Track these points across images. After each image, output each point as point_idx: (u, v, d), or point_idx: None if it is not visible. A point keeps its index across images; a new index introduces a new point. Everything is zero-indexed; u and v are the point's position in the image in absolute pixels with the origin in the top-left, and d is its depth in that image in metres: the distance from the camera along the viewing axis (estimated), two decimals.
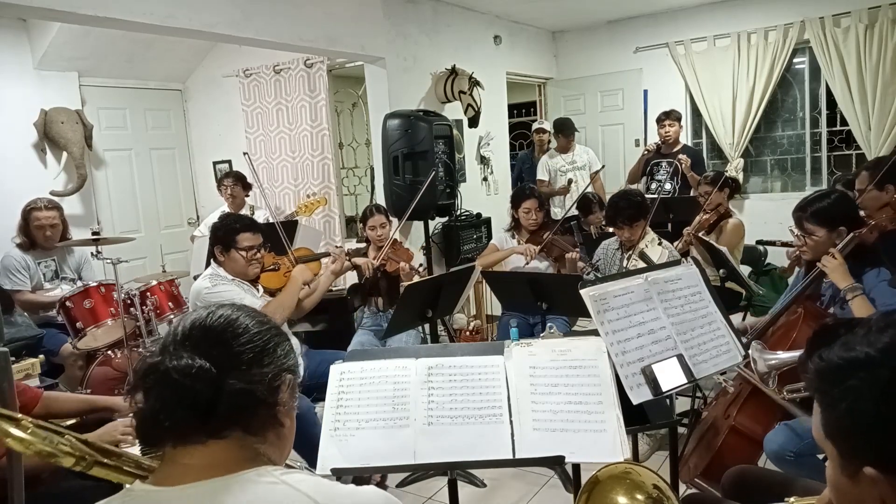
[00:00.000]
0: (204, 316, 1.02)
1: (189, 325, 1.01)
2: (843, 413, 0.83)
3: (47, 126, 4.75)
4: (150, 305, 3.62)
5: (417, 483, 2.99)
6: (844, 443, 0.85)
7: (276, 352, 1.03)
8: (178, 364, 0.93)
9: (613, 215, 3.33)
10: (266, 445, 0.99)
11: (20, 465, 1.43)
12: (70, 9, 3.02)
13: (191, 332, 1.00)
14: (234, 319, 1.02)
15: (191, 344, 0.97)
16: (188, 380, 0.92)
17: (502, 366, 1.75)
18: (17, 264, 3.80)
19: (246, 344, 0.99)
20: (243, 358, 0.98)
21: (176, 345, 0.98)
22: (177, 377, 0.92)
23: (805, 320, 2.29)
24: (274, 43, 4.07)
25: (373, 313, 3.81)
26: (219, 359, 0.95)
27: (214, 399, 0.93)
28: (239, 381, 0.95)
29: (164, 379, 0.93)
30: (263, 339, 1.02)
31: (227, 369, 0.95)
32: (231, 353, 0.98)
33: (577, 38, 6.67)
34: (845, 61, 5.30)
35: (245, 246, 2.87)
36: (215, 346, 0.97)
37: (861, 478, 0.82)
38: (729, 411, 2.37)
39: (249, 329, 1.01)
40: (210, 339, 0.98)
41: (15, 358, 2.68)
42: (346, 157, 6.50)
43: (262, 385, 0.98)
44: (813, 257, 2.35)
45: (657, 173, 5.32)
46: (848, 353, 0.84)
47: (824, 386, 0.87)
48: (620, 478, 1.21)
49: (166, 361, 0.94)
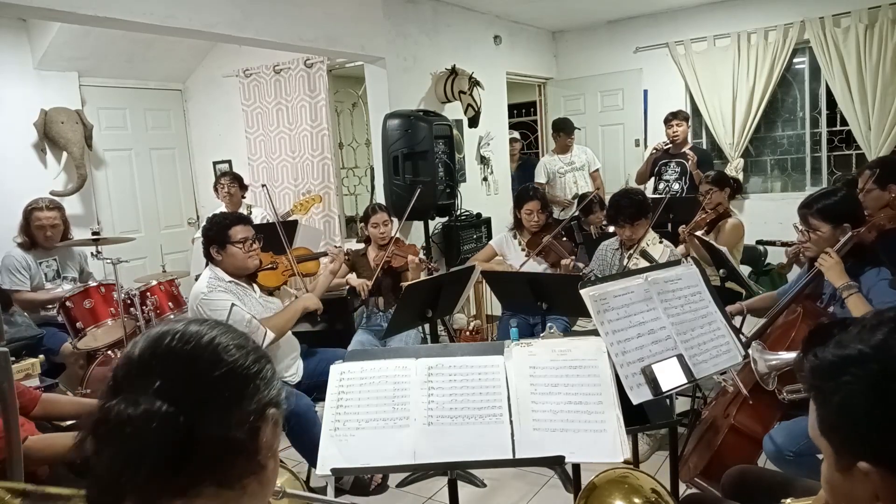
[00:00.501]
0: (167, 339, 0.82)
1: (148, 350, 0.82)
2: (836, 408, 0.85)
3: (47, 126, 4.75)
4: (150, 305, 3.62)
5: (417, 483, 2.99)
6: (838, 438, 0.87)
7: (259, 384, 0.85)
8: (134, 412, 0.75)
9: (615, 214, 3.33)
10: (246, 497, 0.83)
11: (20, 466, 1.43)
12: (70, 9, 3.02)
13: (151, 361, 0.81)
14: (204, 345, 0.83)
15: (152, 378, 0.78)
16: (149, 433, 0.74)
17: (502, 366, 1.75)
18: (17, 264, 3.80)
19: (222, 379, 0.81)
20: (219, 398, 0.80)
21: (132, 380, 0.79)
22: (134, 430, 0.74)
23: (804, 319, 2.29)
24: (274, 43, 4.07)
25: (373, 313, 3.82)
26: (188, 400, 0.77)
27: (183, 453, 0.76)
28: (213, 429, 0.78)
29: (120, 432, 0.75)
30: (242, 370, 0.83)
31: (200, 414, 0.77)
32: (204, 393, 0.80)
33: (577, 38, 6.67)
34: (845, 61, 5.30)
35: (240, 238, 2.85)
36: (183, 381, 0.79)
37: (854, 472, 0.83)
38: (728, 411, 2.37)
39: (224, 358, 0.82)
40: (176, 372, 0.79)
41: (15, 358, 2.68)
42: (346, 157, 6.50)
43: (241, 429, 0.81)
44: (816, 253, 2.35)
45: (665, 173, 5.32)
46: (841, 351, 0.86)
47: (819, 383, 0.88)
48: (618, 482, 1.21)
49: (122, 408, 0.76)
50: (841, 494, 0.90)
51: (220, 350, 0.83)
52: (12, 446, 1.39)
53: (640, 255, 3.26)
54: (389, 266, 3.73)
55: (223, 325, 0.89)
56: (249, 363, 0.85)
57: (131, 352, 0.82)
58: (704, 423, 2.59)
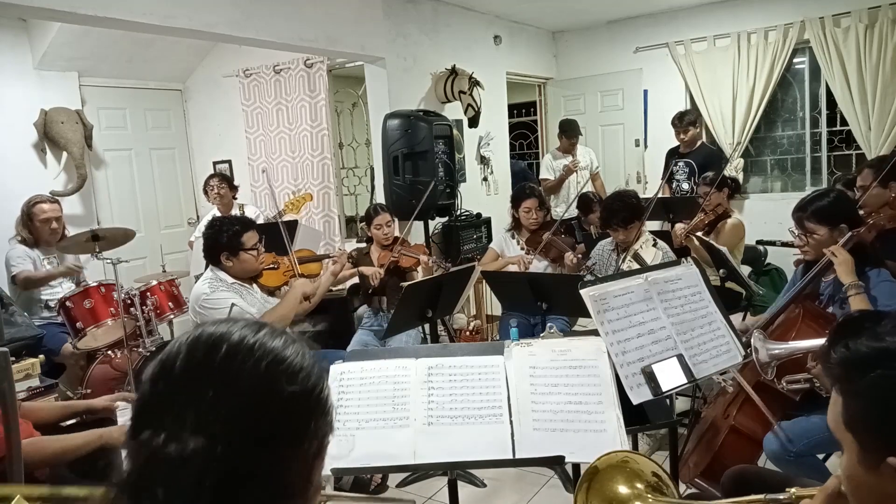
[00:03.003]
0: (224, 352, 0.67)
1: (197, 366, 0.68)
2: (869, 403, 0.83)
3: (47, 126, 4.75)
4: (150, 305, 3.63)
5: (417, 483, 2.99)
6: (867, 433, 0.84)
7: (325, 410, 0.72)
8: (183, 452, 0.64)
9: (608, 217, 3.33)
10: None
11: (20, 466, 1.43)
12: (70, 9, 3.02)
13: (199, 381, 0.67)
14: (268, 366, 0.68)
15: (201, 407, 0.65)
16: (199, 475, 0.64)
17: (502, 366, 1.75)
18: (21, 252, 3.82)
19: (286, 413, 0.68)
20: (281, 438, 0.67)
21: (174, 405, 0.66)
22: (183, 473, 0.64)
23: (804, 319, 2.29)
24: (274, 43, 4.07)
25: (373, 313, 3.81)
26: (244, 440, 0.65)
27: (235, 492, 0.65)
28: (269, 473, 0.66)
29: (171, 477, 0.64)
30: (308, 399, 0.69)
31: (255, 457, 0.65)
32: (264, 430, 0.66)
33: (577, 38, 6.66)
34: (845, 61, 5.30)
35: (252, 245, 2.87)
36: (239, 414, 0.65)
37: (882, 468, 0.81)
38: (728, 411, 2.37)
39: (287, 386, 0.68)
40: (232, 403, 0.65)
41: (15, 358, 2.68)
42: (346, 157, 6.50)
43: (298, 464, 0.69)
44: (815, 257, 2.35)
45: (675, 173, 5.32)
46: (877, 344, 0.83)
47: (849, 375, 0.86)
48: (619, 466, 1.22)
49: (169, 449, 0.64)
50: (864, 489, 0.87)
51: (285, 371, 0.69)
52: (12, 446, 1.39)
53: (633, 259, 3.27)
54: (396, 266, 3.73)
55: (282, 332, 0.75)
56: (315, 386, 0.72)
57: (170, 362, 0.68)
58: (704, 422, 2.59)
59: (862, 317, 0.90)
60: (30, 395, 2.91)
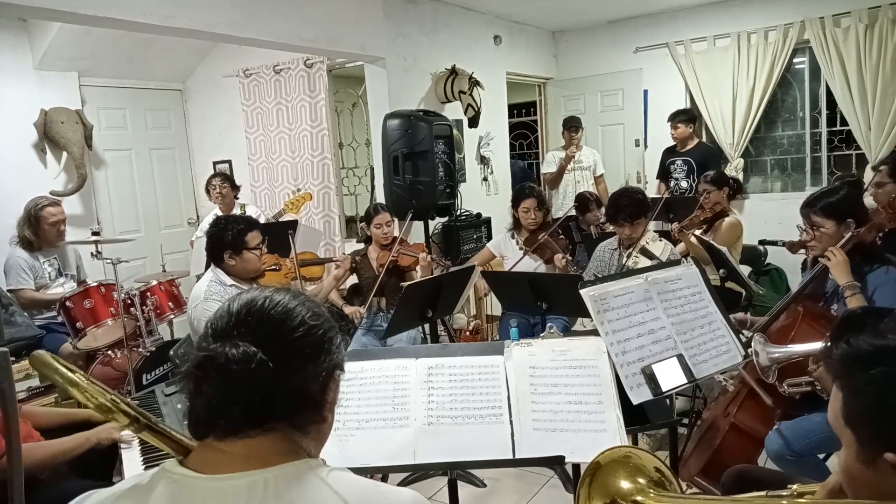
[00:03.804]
0: (260, 301, 0.97)
1: (245, 308, 0.96)
2: (868, 400, 0.83)
3: (47, 126, 4.75)
4: (150, 305, 3.63)
5: (417, 483, 2.99)
6: (866, 429, 0.85)
7: (331, 348, 0.99)
8: (237, 354, 0.89)
9: (615, 213, 3.33)
10: (307, 439, 0.97)
11: (20, 466, 1.42)
12: (70, 9, 3.02)
13: (247, 317, 0.95)
14: (291, 310, 0.97)
15: (247, 331, 0.93)
16: (247, 374, 0.88)
17: (502, 366, 1.75)
18: (22, 263, 3.81)
19: (304, 338, 0.95)
20: (300, 354, 0.94)
21: (231, 330, 0.93)
22: (236, 369, 0.88)
23: (805, 319, 2.29)
24: (274, 43, 4.07)
25: (373, 313, 3.81)
26: (276, 352, 0.91)
27: (269, 396, 0.90)
28: (294, 378, 0.92)
29: (223, 371, 0.89)
30: (319, 334, 0.98)
31: (284, 365, 0.92)
32: (289, 348, 0.93)
33: (577, 38, 6.67)
34: (845, 61, 5.30)
35: (256, 244, 2.87)
36: (273, 337, 0.93)
37: (880, 464, 0.82)
38: (729, 410, 2.37)
39: (307, 321, 0.97)
40: (267, 330, 0.94)
41: (15, 358, 2.68)
42: (346, 157, 6.50)
43: (314, 383, 0.95)
44: (822, 251, 2.35)
45: (674, 172, 5.32)
46: (879, 340, 0.84)
47: (850, 371, 0.86)
48: (622, 461, 1.21)
49: (225, 350, 0.90)
50: (862, 484, 0.88)
51: (301, 317, 0.97)
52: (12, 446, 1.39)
53: (641, 253, 3.27)
54: (396, 265, 3.73)
55: (304, 296, 1.03)
56: (324, 331, 0.99)
57: (229, 308, 0.96)
58: (704, 422, 2.59)
59: (865, 313, 0.90)
60: (30, 394, 2.91)
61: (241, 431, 0.91)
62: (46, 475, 2.01)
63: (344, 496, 0.90)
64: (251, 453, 0.91)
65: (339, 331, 1.04)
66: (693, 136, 5.37)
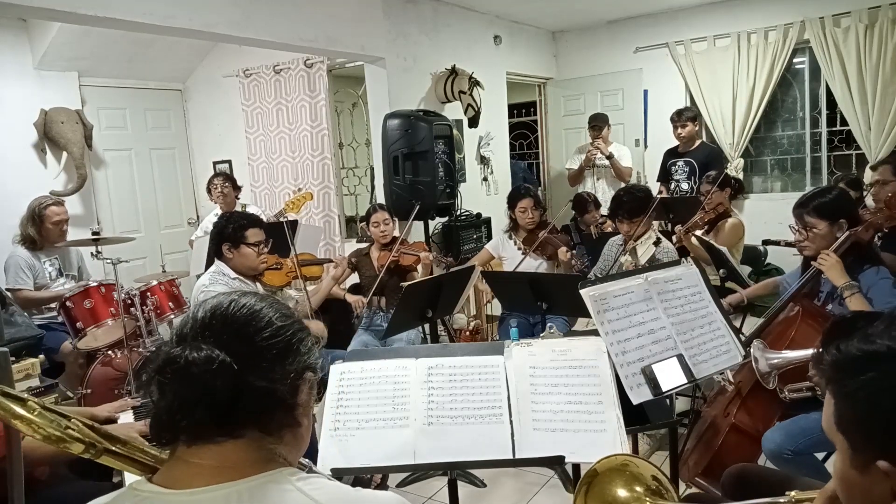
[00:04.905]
0: (226, 304, 0.95)
1: (209, 313, 0.94)
2: (859, 405, 0.83)
3: (47, 126, 4.75)
4: (151, 305, 3.62)
5: (417, 483, 2.99)
6: (858, 435, 0.84)
7: (300, 349, 0.97)
8: (198, 356, 0.87)
9: (615, 208, 3.42)
10: (282, 446, 0.94)
11: (20, 465, 1.42)
12: (70, 9, 3.02)
13: (211, 321, 0.93)
14: (257, 311, 0.95)
15: (211, 334, 0.91)
16: (209, 375, 0.86)
17: (502, 366, 1.75)
18: (23, 263, 3.81)
19: (270, 339, 0.93)
20: (266, 355, 0.92)
21: (195, 334, 0.91)
22: (197, 371, 0.86)
23: (803, 318, 2.29)
24: (274, 43, 4.07)
25: (373, 313, 3.81)
26: (241, 354, 0.89)
27: (234, 398, 0.87)
28: (260, 380, 0.90)
29: (184, 373, 0.87)
30: (287, 335, 0.96)
31: (249, 366, 0.89)
32: (254, 349, 0.91)
33: (577, 38, 6.67)
34: (845, 61, 5.30)
35: (254, 241, 2.91)
36: (237, 339, 0.91)
37: (872, 470, 0.81)
38: (728, 410, 2.37)
39: (273, 322, 0.95)
40: (232, 332, 0.92)
41: (15, 358, 2.68)
42: (346, 157, 6.49)
43: (283, 385, 0.93)
44: (815, 252, 2.36)
45: (675, 173, 5.30)
46: (868, 346, 0.83)
47: (841, 377, 0.86)
48: (619, 470, 1.21)
49: (186, 353, 0.88)
50: (856, 491, 0.87)
51: (267, 318, 0.95)
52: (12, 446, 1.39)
53: (629, 252, 3.32)
54: (397, 265, 3.73)
55: (272, 298, 1.02)
56: (293, 331, 0.98)
57: (194, 314, 0.95)
58: (704, 422, 2.59)
59: (854, 318, 0.89)
60: (30, 394, 2.90)
61: (209, 437, 0.88)
62: (46, 476, 2.00)
63: (321, 503, 0.88)
64: (223, 464, 0.89)
65: (309, 333, 1.02)
66: (696, 135, 5.37)
